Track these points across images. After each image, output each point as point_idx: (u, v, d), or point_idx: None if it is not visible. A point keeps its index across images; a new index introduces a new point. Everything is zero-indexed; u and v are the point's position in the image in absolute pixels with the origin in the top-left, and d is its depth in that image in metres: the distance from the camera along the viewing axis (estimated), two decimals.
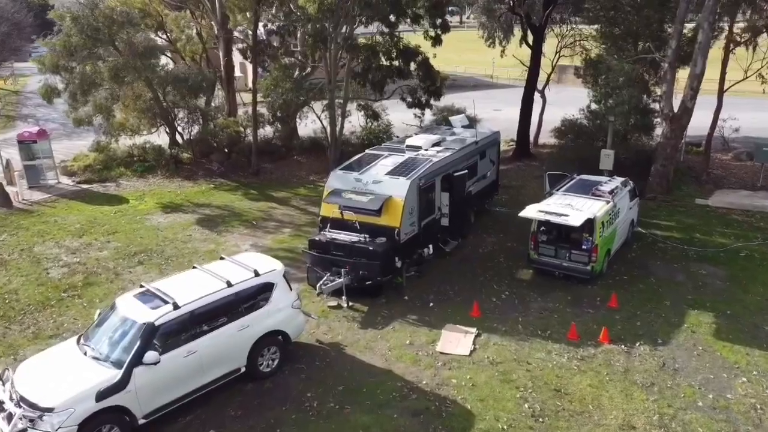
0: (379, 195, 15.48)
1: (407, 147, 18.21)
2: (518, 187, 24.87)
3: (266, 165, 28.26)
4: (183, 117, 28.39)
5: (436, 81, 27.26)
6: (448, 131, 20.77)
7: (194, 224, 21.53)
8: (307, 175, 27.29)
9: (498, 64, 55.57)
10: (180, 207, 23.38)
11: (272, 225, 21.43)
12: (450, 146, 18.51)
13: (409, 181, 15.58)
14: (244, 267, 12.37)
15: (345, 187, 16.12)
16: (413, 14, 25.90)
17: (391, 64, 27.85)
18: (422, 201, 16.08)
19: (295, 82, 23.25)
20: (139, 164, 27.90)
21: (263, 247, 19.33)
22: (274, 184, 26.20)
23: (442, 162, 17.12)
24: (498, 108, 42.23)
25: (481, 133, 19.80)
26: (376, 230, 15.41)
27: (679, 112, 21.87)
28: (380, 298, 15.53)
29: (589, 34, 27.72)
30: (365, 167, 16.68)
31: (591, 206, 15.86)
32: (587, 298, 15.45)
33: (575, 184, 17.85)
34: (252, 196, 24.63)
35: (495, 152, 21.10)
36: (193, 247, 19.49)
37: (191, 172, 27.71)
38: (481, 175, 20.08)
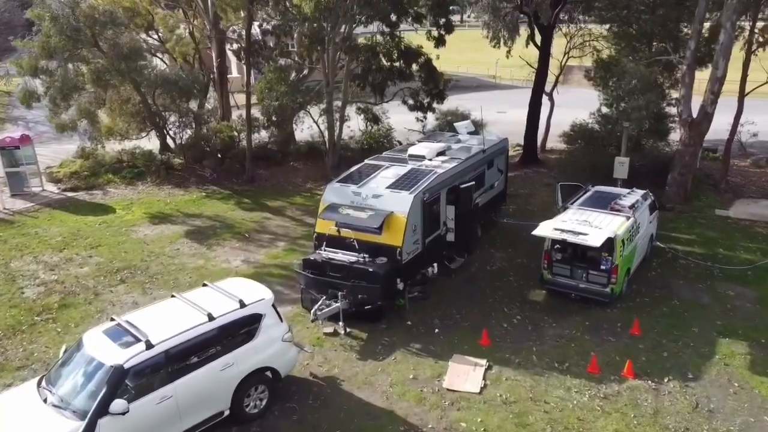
0: (379, 211, 14.18)
1: (410, 157, 16.90)
2: (526, 195, 23.57)
3: (261, 171, 26.96)
4: (174, 121, 27.17)
5: (439, 83, 25.96)
6: (453, 138, 19.47)
7: (183, 237, 20.23)
8: (303, 182, 25.99)
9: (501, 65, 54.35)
10: (169, 217, 22.09)
11: (266, 238, 20.13)
12: (455, 155, 17.21)
13: (412, 196, 14.28)
14: (229, 296, 11.07)
15: (342, 202, 14.82)
16: (415, 13, 24.62)
17: (392, 66, 26.57)
18: (426, 217, 14.78)
19: (291, 85, 21.94)
20: (128, 170, 26.61)
21: (255, 263, 18.05)
22: (269, 192, 24.90)
23: (447, 173, 15.81)
24: (502, 110, 41.02)
25: (488, 140, 18.50)
26: (377, 249, 14.11)
27: (698, 118, 20.57)
28: (381, 323, 14.24)
29: (600, 34, 26.41)
30: (364, 179, 15.37)
31: (610, 223, 14.55)
32: (607, 323, 14.14)
33: (591, 197, 16.54)
34: (245, 205, 23.33)
35: (503, 160, 19.79)
36: (180, 262, 18.20)
37: (183, 178, 26.42)
38: (489, 185, 18.78)
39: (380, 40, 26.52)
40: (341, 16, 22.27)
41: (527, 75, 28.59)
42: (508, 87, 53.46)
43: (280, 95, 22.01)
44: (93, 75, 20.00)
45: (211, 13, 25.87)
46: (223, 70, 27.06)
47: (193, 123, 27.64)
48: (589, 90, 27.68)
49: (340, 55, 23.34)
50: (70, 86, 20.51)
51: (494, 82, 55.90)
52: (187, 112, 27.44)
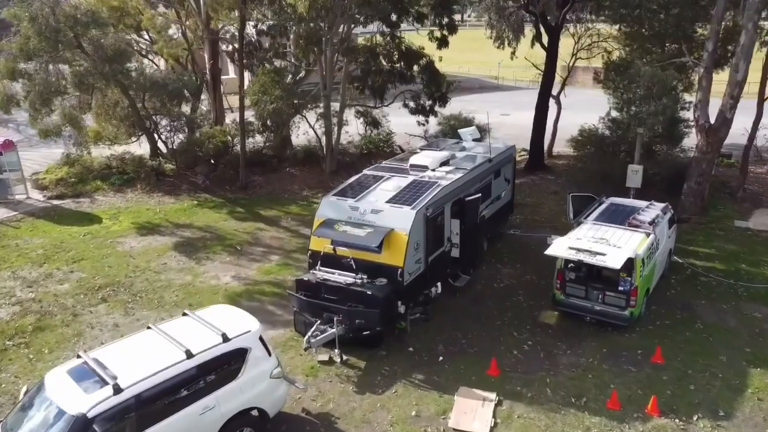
0: (378, 228, 13.06)
1: (411, 167, 15.77)
2: (533, 204, 22.43)
3: (256, 178, 25.83)
4: (166, 125, 26.08)
5: (441, 86, 24.84)
6: (457, 146, 18.33)
7: (171, 250, 19.11)
8: (300, 189, 24.85)
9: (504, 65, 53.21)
10: (157, 228, 20.97)
11: (259, 251, 19.01)
12: (460, 165, 16.08)
13: (415, 211, 13.15)
14: (211, 328, 9.94)
15: (339, 217, 13.69)
16: (417, 13, 23.51)
17: (393, 68, 25.47)
18: (429, 233, 13.65)
19: (286, 88, 20.80)
20: (117, 177, 25.50)
21: (246, 279, 16.93)
22: (263, 200, 23.78)
23: (452, 185, 14.69)
24: (506, 112, 39.87)
25: (495, 148, 17.36)
26: (376, 269, 12.99)
27: (716, 124, 19.44)
28: (380, 349, 13.13)
29: (609, 35, 25.29)
30: (363, 193, 14.23)
31: (629, 240, 13.41)
32: (626, 350, 13.01)
33: (606, 210, 15.40)
34: (238, 214, 22.21)
35: (510, 169, 18.66)
36: (167, 279, 17.07)
37: (174, 185, 25.30)
38: (495, 196, 17.66)
39: (380, 40, 25.45)
40: (339, 15, 21.17)
41: (533, 77, 27.43)
42: (511, 88, 52.35)
43: (274, 99, 20.87)
44: (75, 78, 18.84)
45: (204, 13, 24.74)
46: (216, 72, 25.94)
47: (185, 127, 26.59)
48: (595, 91, 26.66)
49: (338, 56, 22.22)
50: (51, 90, 19.36)
51: (497, 83, 54.78)
52: (179, 116, 26.38)
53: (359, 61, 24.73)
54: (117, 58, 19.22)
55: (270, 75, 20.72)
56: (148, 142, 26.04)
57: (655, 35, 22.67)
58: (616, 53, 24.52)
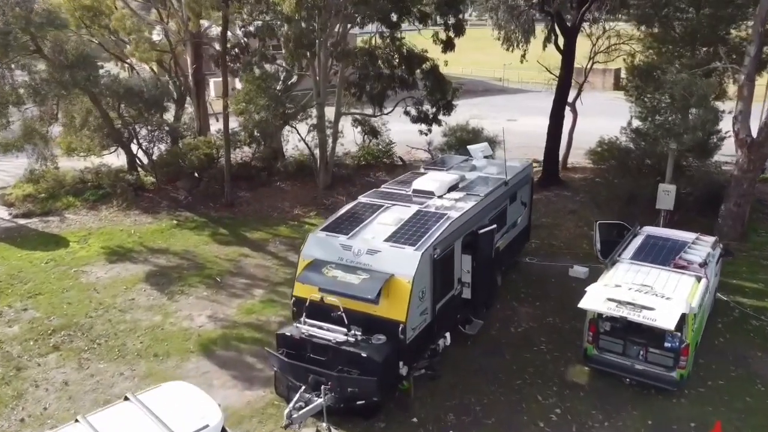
0: (376, 273, 10.79)
1: (415, 193, 13.49)
2: (550, 225, 20.15)
3: (242, 194, 23.56)
4: (146, 135, 23.85)
5: (446, 93, 22.56)
6: (467, 164, 16.03)
7: (142, 281, 16.87)
8: (291, 207, 22.54)
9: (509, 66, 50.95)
10: (130, 253, 18.72)
11: (241, 283, 16.74)
12: (472, 190, 13.78)
13: (420, 253, 10.88)
14: (156, 422, 7.67)
15: (328, 258, 11.43)
16: (419, 13, 21.24)
17: (393, 72, 23.20)
18: (437, 277, 11.39)
19: (274, 96, 18.52)
20: (91, 192, 23.25)
21: (224, 320, 14.68)
22: (250, 220, 21.50)
23: (463, 217, 12.41)
24: (512, 118, 37.60)
25: (510, 167, 15.05)
26: (372, 323, 10.74)
27: (760, 138, 17.16)
28: (378, 420, 10.87)
29: (631, 36, 23.00)
30: (357, 227, 11.95)
31: (678, 287, 11.14)
32: (676, 422, 10.74)
33: (644, 244, 13.10)
34: (221, 237, 19.93)
35: (527, 191, 16.39)
36: (133, 320, 14.81)
37: (153, 202, 23.04)
38: (511, 223, 15.39)
39: (379, 42, 23.20)
40: (333, 15, 18.92)
41: (543, 80, 25.15)
42: (517, 91, 50.08)
43: (260, 108, 18.62)
44: (29, 89, 16.58)
45: (185, 14, 22.49)
46: (199, 77, 23.67)
47: (167, 137, 24.39)
48: (608, 94, 24.50)
49: (333, 61, 19.97)
50: (4, 102, 17.11)
51: (502, 86, 52.48)
52: (160, 125, 24.16)
53: (357, 64, 22.48)
54: (80, 64, 16.93)
55: (255, 82, 18.43)
56: (125, 154, 23.84)
57: (683, 37, 20.41)
58: (640, 56, 22.20)
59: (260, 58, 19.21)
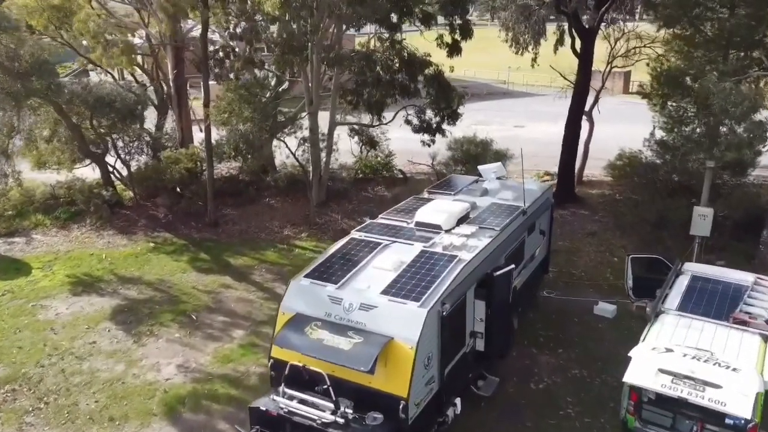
0: (371, 336, 8.74)
1: (418, 226, 11.41)
2: (568, 250, 18.07)
3: (228, 211, 21.49)
4: (124, 146, 21.83)
5: (451, 101, 20.46)
6: (478, 187, 13.90)
7: (107, 319, 14.83)
8: (280, 227, 20.45)
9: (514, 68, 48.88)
10: (98, 284, 16.69)
11: (219, 322, 14.68)
12: (485, 222, 11.70)
13: (426, 311, 8.82)
14: None
15: (313, 313, 9.37)
16: (422, 13, 19.18)
17: (393, 78, 21.08)
18: (446, 337, 9.33)
19: (259, 108, 16.46)
20: (62, 210, 21.20)
21: (196, 371, 12.64)
22: (234, 242, 19.43)
23: (477, 259, 10.35)
24: (519, 124, 35.59)
25: (529, 191, 12.93)
26: (367, 397, 8.69)
27: None
28: None
29: (655, 38, 20.94)
30: (349, 273, 9.86)
31: (743, 351, 9.07)
32: None
33: (691, 288, 11.02)
34: (201, 263, 17.88)
35: (547, 219, 14.30)
36: (90, 370, 12.76)
37: (130, 221, 20.99)
38: (529, 256, 13.33)
39: (377, 45, 21.14)
40: (325, 17, 16.88)
41: (562, 89, 23.09)
42: (522, 94, 48.06)
43: (243, 121, 16.56)
44: None
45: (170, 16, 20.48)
46: (180, 83, 21.61)
47: (147, 149, 22.39)
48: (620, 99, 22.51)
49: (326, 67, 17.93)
50: None
51: (506, 89, 50.39)
52: (140, 136, 22.15)
53: (353, 70, 20.39)
54: (36, 71, 14.88)
55: (238, 92, 16.35)
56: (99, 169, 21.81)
57: (715, 40, 18.35)
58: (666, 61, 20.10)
59: (244, 64, 17.11)
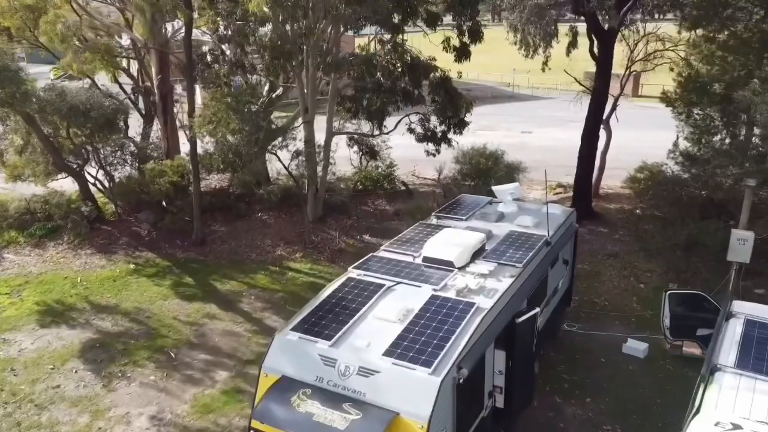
0: (371, 410, 7.12)
1: (426, 262, 9.77)
2: (588, 274, 16.46)
3: (217, 228, 19.88)
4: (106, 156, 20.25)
5: (459, 109, 18.84)
6: (492, 211, 12.26)
7: (76, 357, 13.23)
8: (273, 245, 18.85)
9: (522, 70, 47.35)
10: (69, 312, 15.10)
11: (200, 361, 13.07)
12: (505, 256, 10.05)
13: (439, 380, 7.19)
14: None
15: (301, 376, 7.75)
16: (427, 14, 17.58)
17: (395, 84, 19.49)
18: (462, 407, 7.70)
19: (247, 118, 14.84)
20: (38, 226, 19.60)
21: (171, 424, 11.06)
22: (222, 263, 17.83)
23: (498, 305, 8.72)
24: (527, 129, 34.03)
25: (552, 217, 11.31)
26: None
27: None
28: None
29: (678, 41, 19.34)
30: (345, 326, 8.23)
31: None
32: None
33: (748, 338, 9.37)
34: (185, 289, 16.28)
35: (570, 247, 12.66)
36: (50, 422, 11.15)
37: (110, 238, 19.40)
38: (552, 290, 11.70)
39: (378, 49, 19.56)
40: (321, 17, 15.27)
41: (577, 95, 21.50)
42: (528, 98, 46.58)
43: (230, 132, 14.95)
44: None
45: (149, 16, 18.90)
46: (166, 90, 20.00)
47: (133, 159, 20.84)
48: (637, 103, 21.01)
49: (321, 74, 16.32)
50: None
51: (511, 92, 48.87)
52: (122, 146, 20.57)
53: (352, 75, 18.77)
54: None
55: (224, 101, 14.73)
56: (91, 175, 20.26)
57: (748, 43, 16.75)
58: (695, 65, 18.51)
59: (231, 69, 15.49)
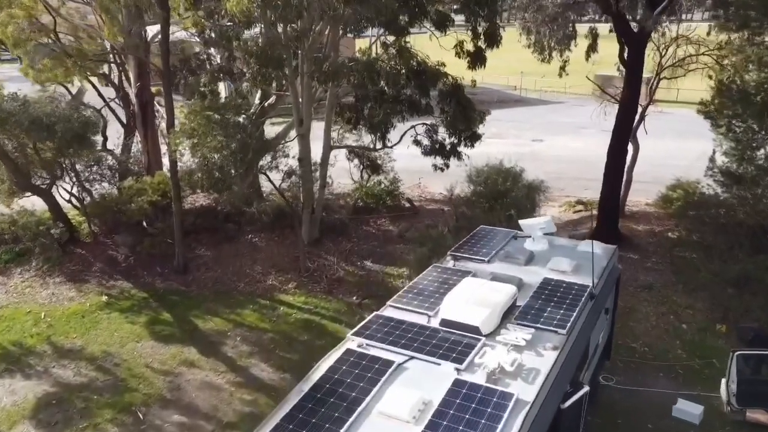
0: None
1: (445, 326, 7.71)
2: (621, 311, 14.26)
3: (202, 252, 17.89)
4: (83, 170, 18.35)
5: (473, 122, 16.84)
6: (519, 251, 10.19)
7: (27, 418, 11.28)
8: (264, 273, 16.84)
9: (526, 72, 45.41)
10: (26, 358, 13.15)
11: (173, 424, 11.09)
12: (542, 318, 7.99)
13: None
14: None
15: None
16: (438, 15, 15.58)
17: (400, 93, 17.51)
18: None
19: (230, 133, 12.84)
20: (5, 250, 17.68)
21: None
22: (206, 295, 15.85)
23: (542, 393, 6.70)
24: (538, 137, 32.08)
25: (598, 257, 9.27)
26: None
27: None
28: None
29: (721, 44, 17.36)
30: (340, 430, 6.23)
31: None
32: None
33: None
34: (162, 327, 14.30)
35: (613, 294, 10.61)
36: None
37: (84, 263, 17.45)
38: (594, 349, 9.69)
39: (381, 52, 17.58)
40: (317, 18, 13.29)
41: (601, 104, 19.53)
42: (537, 102, 44.55)
43: (212, 151, 12.96)
44: None
45: (125, 16, 16.97)
46: (145, 98, 18.04)
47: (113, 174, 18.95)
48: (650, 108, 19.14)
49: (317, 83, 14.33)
50: None
51: (519, 96, 46.82)
52: (99, 161, 18.68)
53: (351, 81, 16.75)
54: None
55: (203, 114, 12.73)
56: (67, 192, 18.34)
57: None
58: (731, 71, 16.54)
59: (212, 77, 13.51)
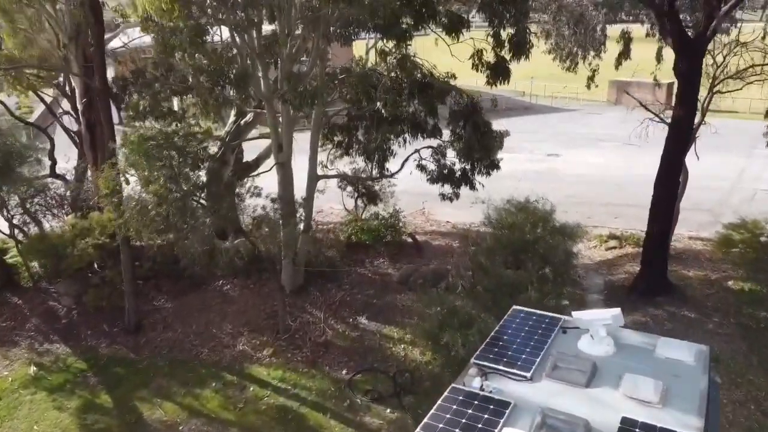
0: None
1: None
2: None
3: (160, 303, 14.74)
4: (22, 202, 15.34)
5: (491, 151, 13.62)
6: (577, 365, 6.76)
7: None
8: (234, 335, 13.60)
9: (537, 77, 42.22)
10: None
11: None
12: None
13: None
14: None
15: None
16: (449, 17, 12.38)
17: (401, 111, 14.19)
18: None
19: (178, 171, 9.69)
20: None
21: None
22: (160, 364, 12.69)
23: None
24: (553, 151, 28.83)
25: (691, 370, 6.04)
26: None
27: None
28: None
29: None
30: None
31: None
32: None
33: None
34: (96, 417, 11.15)
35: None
36: None
37: (17, 317, 14.40)
38: None
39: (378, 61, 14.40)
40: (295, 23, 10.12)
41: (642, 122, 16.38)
42: (548, 109, 41.26)
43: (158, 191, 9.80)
44: None
45: (68, 23, 13.93)
46: (93, 118, 14.91)
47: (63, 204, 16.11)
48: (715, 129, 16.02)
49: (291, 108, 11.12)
50: None
51: (528, 103, 43.52)
52: (43, 189, 15.74)
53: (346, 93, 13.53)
54: None
55: (143, 145, 9.56)
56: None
57: None
58: None
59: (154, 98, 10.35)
